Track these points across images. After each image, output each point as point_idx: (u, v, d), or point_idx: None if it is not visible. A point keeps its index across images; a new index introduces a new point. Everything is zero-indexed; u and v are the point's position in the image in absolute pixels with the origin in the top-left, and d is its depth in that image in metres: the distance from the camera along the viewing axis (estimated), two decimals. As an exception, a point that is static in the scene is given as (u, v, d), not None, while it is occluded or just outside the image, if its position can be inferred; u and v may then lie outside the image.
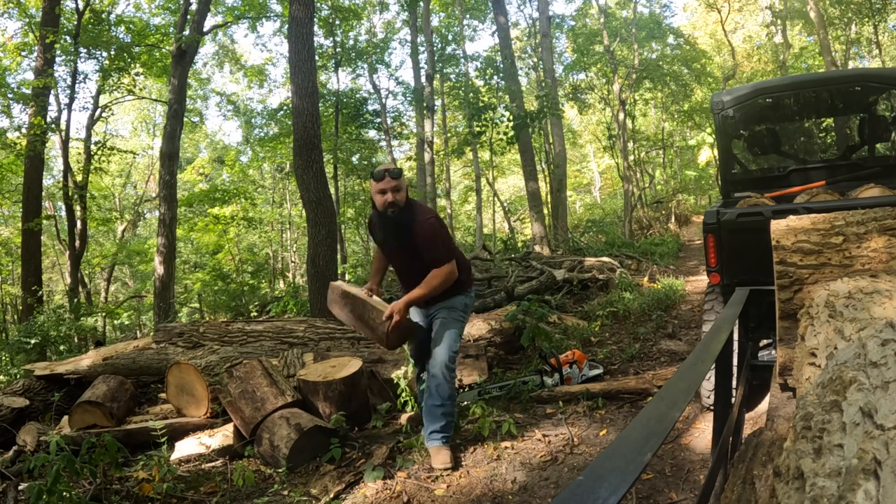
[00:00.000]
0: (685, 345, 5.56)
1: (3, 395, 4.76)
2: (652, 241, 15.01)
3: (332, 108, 15.90)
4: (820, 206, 3.05)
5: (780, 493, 0.81)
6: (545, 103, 13.68)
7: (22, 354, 8.08)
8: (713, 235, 3.43)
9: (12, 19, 13.73)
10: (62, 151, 12.46)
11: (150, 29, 14.35)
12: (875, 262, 1.92)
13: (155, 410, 4.60)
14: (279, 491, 3.19)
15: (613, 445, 0.89)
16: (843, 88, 4.36)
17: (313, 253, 7.31)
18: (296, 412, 3.70)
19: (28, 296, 10.29)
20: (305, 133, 7.33)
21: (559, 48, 23.42)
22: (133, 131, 26.67)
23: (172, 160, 11.84)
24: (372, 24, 21.32)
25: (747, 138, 4.63)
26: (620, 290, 7.97)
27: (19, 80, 14.61)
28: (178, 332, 5.71)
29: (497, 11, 16.23)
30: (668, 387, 1.21)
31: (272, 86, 28.76)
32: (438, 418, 3.30)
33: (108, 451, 3.20)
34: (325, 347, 5.27)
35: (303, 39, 7.54)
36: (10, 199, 15.05)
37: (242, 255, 20.34)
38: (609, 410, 4.01)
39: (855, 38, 20.84)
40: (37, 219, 10.75)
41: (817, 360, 1.50)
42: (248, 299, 14.28)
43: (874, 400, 0.76)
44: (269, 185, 23.36)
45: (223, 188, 17.35)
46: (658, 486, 2.91)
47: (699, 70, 20.81)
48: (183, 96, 12.36)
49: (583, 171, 34.94)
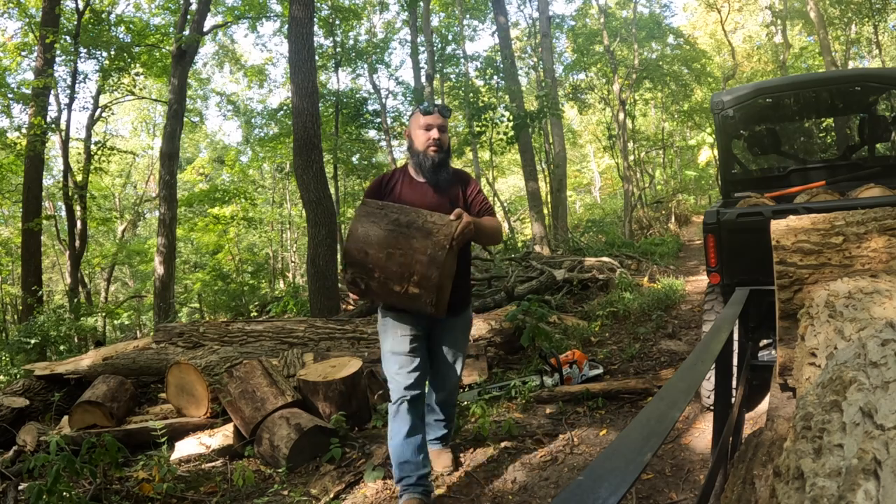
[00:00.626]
0: (685, 345, 5.56)
1: (3, 395, 4.76)
2: (652, 241, 15.00)
3: (332, 108, 15.91)
4: (820, 206, 3.05)
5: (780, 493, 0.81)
6: (545, 103, 13.68)
7: (22, 354, 8.08)
8: (713, 235, 3.43)
9: (12, 19, 13.75)
10: (62, 151, 12.46)
11: (150, 29, 14.36)
12: (875, 262, 1.92)
13: (155, 410, 4.60)
14: (279, 491, 3.19)
15: (613, 445, 0.89)
16: (843, 88, 4.36)
17: (313, 253, 7.31)
18: (296, 412, 3.70)
19: (28, 296, 10.29)
20: (305, 133, 7.34)
21: (559, 48, 23.44)
22: (133, 131, 26.69)
23: (172, 160, 11.85)
24: (372, 24, 21.34)
25: (747, 138, 4.63)
26: (620, 290, 7.97)
27: (19, 80, 14.65)
28: (178, 332, 5.71)
29: (497, 11, 16.22)
30: (668, 387, 1.21)
31: (272, 86, 28.81)
32: (441, 429, 3.22)
33: (108, 451, 3.20)
34: (325, 347, 5.27)
35: (303, 39, 7.55)
36: (10, 199, 15.05)
37: (242, 255, 20.35)
38: (609, 410, 4.01)
39: (855, 38, 20.84)
40: (37, 219, 10.75)
41: (817, 360, 1.50)
42: (248, 299, 14.28)
43: (874, 400, 0.76)
44: (269, 185, 23.37)
45: (223, 188, 17.36)
46: (658, 486, 2.91)
47: (699, 70, 20.81)
48: (183, 96, 12.36)
49: (583, 171, 34.95)
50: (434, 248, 2.37)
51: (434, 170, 2.72)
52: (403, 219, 2.45)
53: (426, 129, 2.71)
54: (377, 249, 2.41)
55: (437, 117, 2.73)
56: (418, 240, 2.38)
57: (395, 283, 2.41)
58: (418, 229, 2.41)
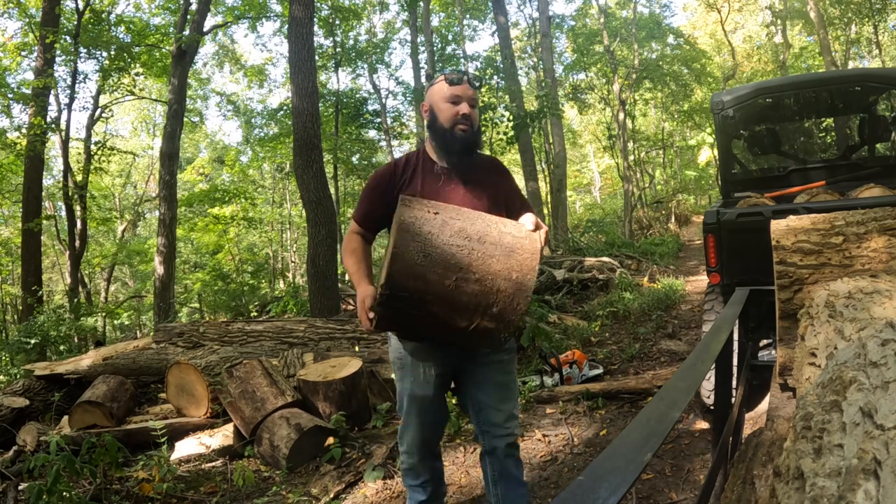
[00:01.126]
0: (685, 345, 5.56)
1: (3, 395, 4.76)
2: (652, 241, 15.01)
3: (332, 108, 15.92)
4: (820, 206, 3.05)
5: (780, 493, 0.81)
6: (545, 103, 13.68)
7: (22, 354, 8.08)
8: (713, 235, 3.43)
9: (12, 19, 13.75)
10: (62, 151, 12.46)
11: (150, 29, 14.36)
12: (875, 262, 1.91)
13: (155, 410, 4.60)
14: (279, 491, 3.19)
15: (613, 445, 0.89)
16: (843, 88, 4.36)
17: (313, 253, 7.32)
18: (296, 412, 3.70)
19: (28, 296, 10.29)
20: (305, 133, 7.34)
21: (559, 48, 23.44)
22: (133, 131, 26.70)
23: (172, 160, 11.85)
24: (372, 24, 21.35)
25: (747, 138, 4.63)
26: (620, 290, 7.97)
27: (19, 80, 14.66)
28: (178, 332, 5.71)
29: (497, 11, 16.22)
30: (668, 387, 1.20)
31: (272, 86, 28.81)
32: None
33: (108, 451, 3.20)
34: (325, 347, 5.27)
35: (303, 39, 7.55)
36: (10, 199, 15.06)
37: (242, 255, 20.34)
38: (609, 410, 4.01)
39: (855, 38, 20.84)
40: (37, 219, 10.75)
41: (817, 360, 1.50)
42: (248, 299, 14.27)
43: (874, 400, 0.76)
44: (269, 185, 23.37)
45: (223, 188, 17.36)
46: (658, 486, 2.91)
47: (699, 70, 20.82)
48: (183, 96, 12.36)
49: (583, 171, 34.95)
50: (521, 272, 1.79)
51: (464, 153, 2.14)
52: (471, 228, 1.80)
53: (453, 102, 2.12)
54: (441, 275, 1.73)
55: (466, 88, 2.13)
56: (498, 259, 1.78)
57: (463, 317, 1.78)
58: (495, 244, 1.79)
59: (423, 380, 2.13)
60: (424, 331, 1.90)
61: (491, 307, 1.78)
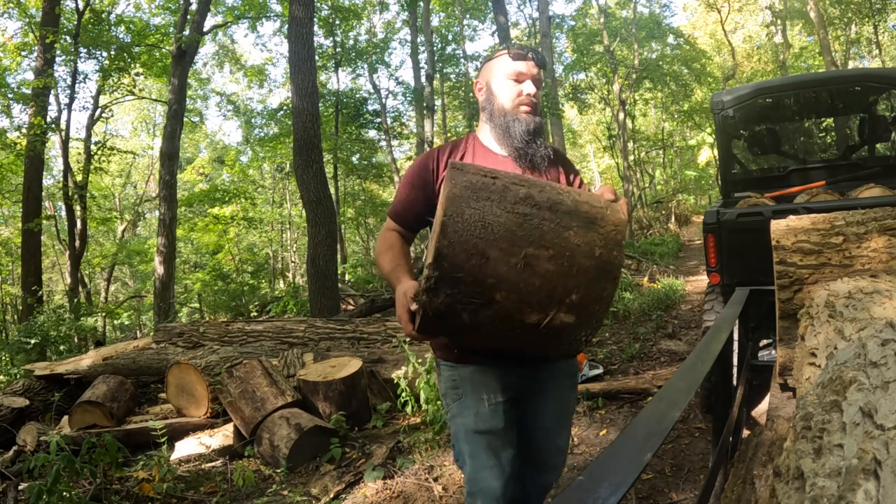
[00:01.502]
0: (685, 345, 5.56)
1: (3, 395, 4.76)
2: (652, 241, 15.01)
3: (332, 108, 15.91)
4: (820, 206, 3.05)
5: (780, 493, 0.81)
6: (545, 103, 13.69)
7: (22, 354, 8.08)
8: (713, 235, 3.43)
9: (12, 19, 13.74)
10: (62, 151, 12.46)
11: (150, 29, 14.36)
12: (875, 262, 1.91)
13: (155, 410, 4.60)
14: (279, 491, 3.19)
15: (613, 445, 0.89)
16: (843, 88, 4.36)
17: (313, 253, 7.32)
18: (296, 412, 3.71)
19: (28, 296, 10.29)
20: (305, 133, 7.34)
21: (559, 48, 23.43)
22: (133, 131, 26.70)
23: (172, 160, 11.85)
24: (372, 24, 21.34)
25: (747, 138, 4.63)
26: (620, 290, 7.97)
27: (19, 80, 14.68)
28: (178, 332, 5.72)
29: (497, 11, 16.20)
30: (668, 387, 1.20)
31: (272, 86, 28.78)
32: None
33: (108, 451, 3.20)
34: (325, 347, 5.27)
35: (303, 39, 7.55)
36: (10, 199, 15.06)
37: (242, 255, 20.34)
38: (609, 410, 4.01)
39: (855, 38, 20.85)
40: (37, 219, 10.75)
41: (817, 360, 1.50)
42: (248, 299, 14.28)
43: (874, 400, 0.76)
44: (269, 185, 23.36)
45: (223, 188, 17.36)
46: (658, 486, 2.91)
47: (699, 70, 20.83)
48: (183, 96, 12.36)
49: (583, 171, 34.92)
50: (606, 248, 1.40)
51: (529, 139, 1.77)
52: (539, 196, 1.39)
53: (516, 80, 1.79)
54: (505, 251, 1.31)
55: (532, 64, 1.79)
56: (576, 232, 1.38)
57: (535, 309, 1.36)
58: (571, 214, 1.39)
59: (490, 410, 1.67)
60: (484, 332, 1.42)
61: (570, 293, 1.37)
